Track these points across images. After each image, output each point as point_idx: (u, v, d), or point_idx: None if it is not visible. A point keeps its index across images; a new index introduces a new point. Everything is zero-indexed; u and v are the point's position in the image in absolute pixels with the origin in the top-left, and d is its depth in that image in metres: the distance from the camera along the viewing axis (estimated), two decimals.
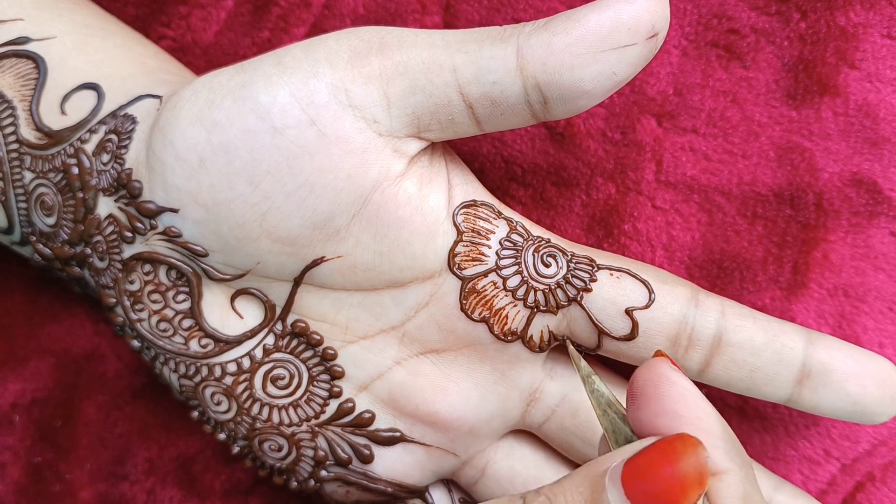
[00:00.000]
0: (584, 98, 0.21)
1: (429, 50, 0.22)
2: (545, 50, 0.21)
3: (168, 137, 0.23)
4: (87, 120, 0.25)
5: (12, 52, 0.26)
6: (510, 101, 0.22)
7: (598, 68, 0.21)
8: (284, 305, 0.25)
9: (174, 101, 0.23)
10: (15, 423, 0.32)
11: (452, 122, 0.22)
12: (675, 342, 0.23)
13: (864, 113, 0.26)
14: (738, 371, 0.23)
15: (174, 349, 0.25)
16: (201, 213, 0.23)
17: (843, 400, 0.23)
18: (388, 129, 0.22)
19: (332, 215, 0.23)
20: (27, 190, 0.26)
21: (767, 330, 0.23)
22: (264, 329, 0.25)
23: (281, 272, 0.24)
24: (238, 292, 0.25)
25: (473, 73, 0.21)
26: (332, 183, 0.22)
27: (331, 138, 0.22)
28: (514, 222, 0.24)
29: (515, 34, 0.21)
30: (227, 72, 0.23)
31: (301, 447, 0.26)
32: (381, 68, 0.22)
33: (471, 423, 0.25)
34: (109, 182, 0.24)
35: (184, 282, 0.24)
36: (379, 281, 0.24)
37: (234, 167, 0.22)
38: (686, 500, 0.17)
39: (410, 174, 0.23)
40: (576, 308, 0.23)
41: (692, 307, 0.23)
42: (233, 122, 0.22)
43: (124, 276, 0.25)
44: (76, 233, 0.25)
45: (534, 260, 0.23)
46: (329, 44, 0.22)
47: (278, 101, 0.22)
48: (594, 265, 0.23)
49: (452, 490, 0.27)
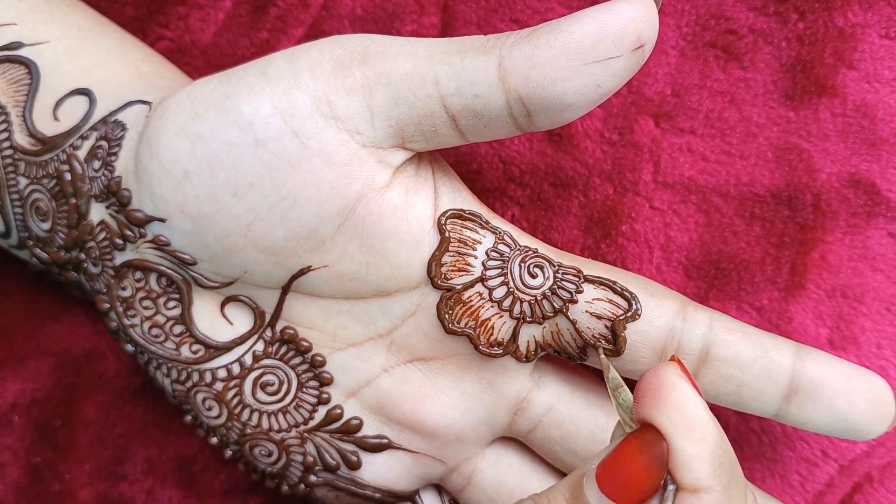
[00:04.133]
0: (567, 111, 0.21)
1: (412, 61, 0.22)
2: (527, 63, 0.20)
3: (154, 149, 0.23)
4: (78, 126, 0.25)
5: (5, 58, 0.26)
6: (493, 113, 0.21)
7: (581, 81, 0.20)
8: (273, 312, 0.25)
9: (160, 110, 0.23)
10: (14, 422, 0.32)
11: (436, 133, 0.22)
12: (662, 355, 0.23)
13: (862, 113, 0.26)
14: (725, 386, 0.23)
15: (166, 355, 0.25)
16: (187, 224, 0.23)
17: (832, 417, 0.22)
18: (372, 140, 0.22)
19: (317, 227, 0.23)
20: (22, 196, 0.26)
21: (756, 345, 0.23)
22: (254, 336, 0.25)
23: (268, 280, 0.24)
24: (228, 299, 0.25)
25: (455, 86, 0.21)
26: (316, 195, 0.22)
27: (313, 150, 0.22)
28: (501, 232, 0.24)
29: (498, 46, 0.21)
30: (212, 82, 0.23)
31: (290, 453, 0.26)
32: (364, 79, 0.22)
33: (458, 431, 0.25)
34: (101, 189, 0.24)
35: (174, 289, 0.25)
36: (366, 290, 0.24)
37: (217, 179, 0.22)
38: (651, 482, 0.17)
39: (396, 184, 0.23)
40: (562, 319, 0.23)
41: (679, 320, 0.23)
42: (216, 134, 0.22)
43: (116, 283, 0.25)
44: (71, 238, 0.25)
45: (520, 271, 0.23)
46: (312, 54, 0.22)
47: (260, 113, 0.22)
48: (581, 276, 0.23)
49: (443, 493, 0.27)
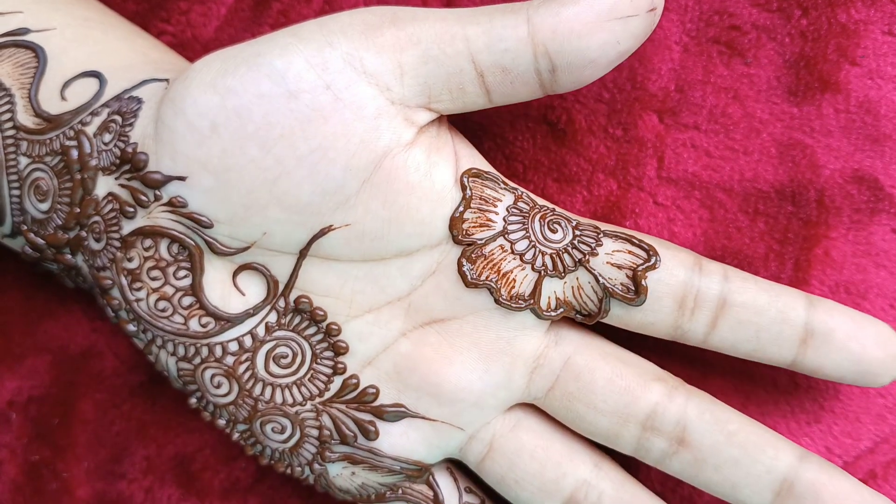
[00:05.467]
0: (590, 67, 0.22)
1: (441, 22, 0.23)
2: (554, 18, 0.22)
3: (179, 106, 0.23)
4: (89, 104, 0.25)
5: (11, 42, 0.26)
6: (520, 68, 0.23)
7: (603, 37, 0.22)
8: (288, 281, 0.25)
9: (186, 73, 0.23)
10: (12, 420, 0.31)
11: (463, 92, 0.23)
12: (682, 304, 0.23)
13: (866, 110, 0.26)
14: (744, 331, 0.23)
15: (173, 330, 0.25)
16: (210, 181, 0.23)
17: (847, 360, 0.23)
18: (401, 97, 0.23)
19: (344, 181, 0.23)
20: (21, 176, 0.26)
21: (770, 291, 0.24)
22: (267, 306, 0.25)
23: (287, 243, 0.24)
24: (240, 268, 0.25)
25: (485, 42, 0.22)
26: (346, 147, 0.23)
27: (345, 102, 0.22)
28: (520, 191, 0.24)
29: (525, 6, 0.22)
30: (240, 45, 0.23)
31: (305, 427, 0.25)
32: (395, 39, 0.23)
33: (476, 393, 0.25)
34: (111, 160, 0.24)
35: (185, 257, 0.24)
36: (387, 250, 0.24)
37: (246, 131, 0.22)
38: None
39: (419, 143, 0.24)
40: (583, 272, 0.24)
41: (696, 272, 0.24)
42: (247, 87, 0.22)
43: (123, 254, 0.24)
44: (72, 216, 0.25)
45: (540, 226, 0.24)
46: (342, 18, 0.23)
47: (294, 66, 0.22)
48: (599, 231, 0.24)
49: (458, 478, 0.27)
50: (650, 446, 0.24)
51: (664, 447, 0.24)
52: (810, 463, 0.23)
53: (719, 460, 0.24)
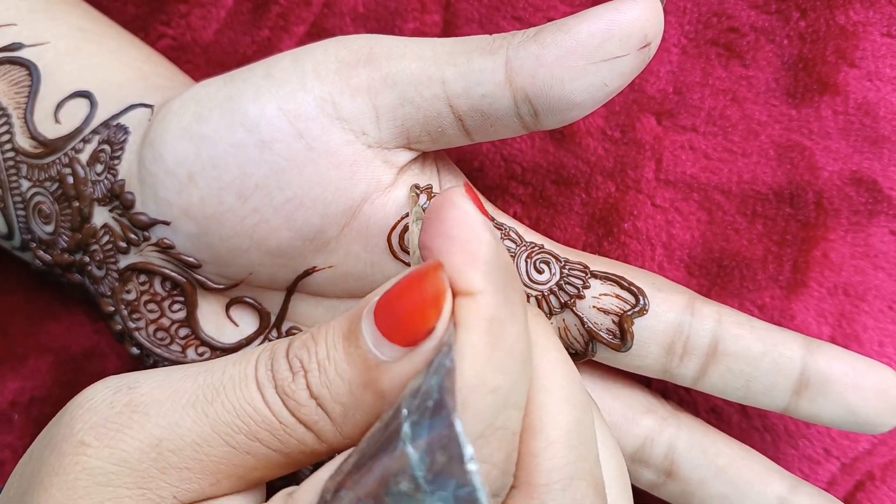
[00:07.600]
0: (574, 110, 0.21)
1: (418, 62, 0.22)
2: (535, 62, 0.21)
3: (158, 151, 0.23)
4: (80, 129, 0.25)
5: (6, 59, 0.26)
6: (499, 113, 0.22)
7: (589, 80, 0.20)
8: (279, 313, 0.25)
9: (163, 113, 0.23)
10: (14, 421, 0.31)
11: (442, 134, 0.22)
12: (670, 350, 0.23)
13: (864, 111, 0.26)
14: (735, 381, 0.23)
15: (172, 357, 0.25)
16: (192, 227, 0.23)
17: (842, 410, 0.22)
18: (378, 140, 0.22)
19: (322, 227, 0.23)
20: (25, 198, 0.26)
21: (765, 339, 0.23)
22: (260, 336, 0.25)
23: (273, 282, 0.24)
24: (233, 301, 0.25)
25: (462, 86, 0.21)
26: (322, 196, 0.22)
27: (319, 151, 0.22)
28: (507, 228, 0.24)
29: (505, 45, 0.21)
30: (216, 83, 0.23)
31: None
32: (370, 80, 0.22)
33: None
34: (104, 192, 0.24)
35: (179, 292, 0.25)
36: (371, 289, 0.24)
37: (223, 181, 0.22)
38: (424, 323, 0.16)
39: (401, 183, 0.23)
40: (569, 314, 0.23)
41: (688, 315, 0.23)
42: (221, 135, 0.22)
43: (121, 286, 0.25)
44: (74, 241, 0.25)
45: (526, 266, 0.23)
46: (317, 55, 0.22)
47: (266, 114, 0.22)
48: (587, 272, 0.23)
49: None
50: (639, 476, 0.24)
51: (653, 478, 0.24)
52: (801, 495, 0.23)
53: (707, 495, 0.24)
